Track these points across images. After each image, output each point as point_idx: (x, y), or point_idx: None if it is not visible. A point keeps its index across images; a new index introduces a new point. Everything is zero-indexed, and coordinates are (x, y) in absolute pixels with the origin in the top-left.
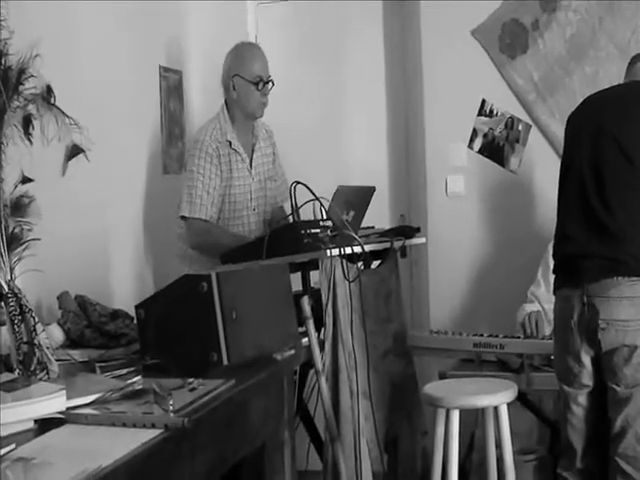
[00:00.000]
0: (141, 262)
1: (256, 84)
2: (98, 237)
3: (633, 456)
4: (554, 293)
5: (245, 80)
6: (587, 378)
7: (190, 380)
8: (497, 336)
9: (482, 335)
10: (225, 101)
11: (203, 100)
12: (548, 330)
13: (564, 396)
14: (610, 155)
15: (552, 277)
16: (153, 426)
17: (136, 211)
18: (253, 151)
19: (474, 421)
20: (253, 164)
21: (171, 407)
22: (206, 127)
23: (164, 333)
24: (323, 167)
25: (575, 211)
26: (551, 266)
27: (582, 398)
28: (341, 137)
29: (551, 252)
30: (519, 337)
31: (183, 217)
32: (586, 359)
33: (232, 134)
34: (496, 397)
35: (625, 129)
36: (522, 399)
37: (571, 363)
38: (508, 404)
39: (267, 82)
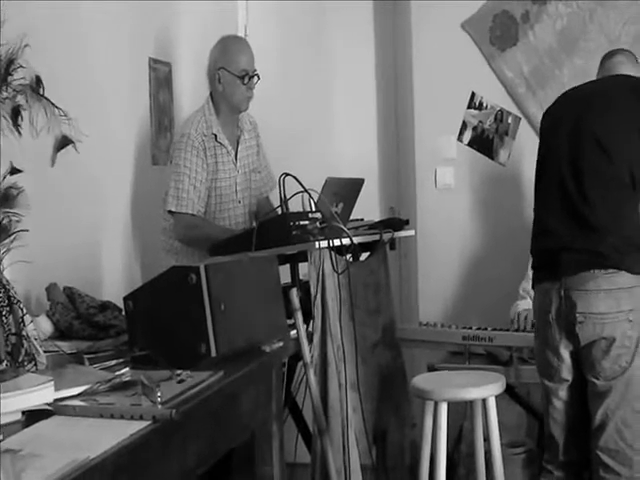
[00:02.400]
0: (130, 253)
1: (242, 78)
2: (87, 228)
3: (615, 449)
4: (533, 288)
5: (231, 73)
6: (567, 372)
7: (178, 372)
8: (486, 329)
9: (471, 328)
10: (210, 93)
11: (192, 92)
12: None
13: (545, 390)
14: (588, 150)
15: None
16: (141, 418)
17: (125, 202)
18: (238, 144)
19: (463, 413)
20: (238, 156)
21: (159, 399)
22: (191, 120)
23: (153, 325)
24: (313, 159)
25: (554, 206)
26: None
27: (562, 392)
28: (331, 129)
29: None
30: (508, 330)
31: (171, 212)
32: (565, 353)
33: (217, 127)
34: (484, 390)
35: (603, 124)
36: (511, 392)
37: (550, 357)
38: (497, 397)
39: (253, 76)
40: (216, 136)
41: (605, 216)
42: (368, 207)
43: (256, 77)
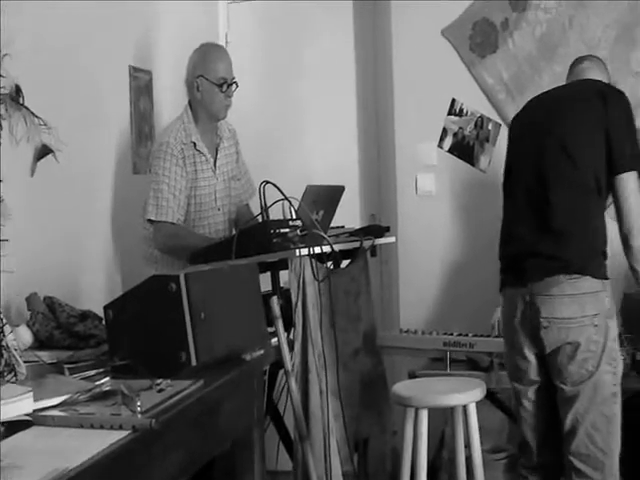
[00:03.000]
0: (111, 262)
1: (220, 86)
2: (68, 237)
3: (586, 454)
4: (500, 292)
5: (209, 81)
6: (534, 374)
7: (159, 381)
8: (467, 335)
9: (452, 334)
10: (189, 102)
11: (173, 100)
12: None
13: (515, 393)
14: (553, 155)
15: None
16: (121, 427)
17: (106, 211)
18: (217, 151)
19: (444, 419)
20: (217, 164)
21: (139, 408)
22: (170, 128)
23: (133, 334)
24: (293, 167)
25: (520, 211)
26: None
27: (532, 394)
28: (311, 136)
29: None
30: (489, 336)
31: (151, 220)
32: (531, 356)
33: (196, 135)
34: (465, 396)
35: (568, 130)
36: (492, 398)
37: (519, 361)
38: (478, 403)
39: (231, 84)
40: (195, 144)
41: (569, 222)
42: (349, 214)
43: (235, 85)
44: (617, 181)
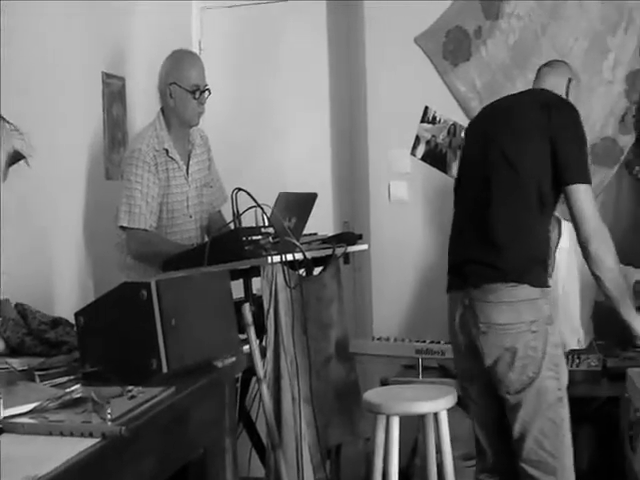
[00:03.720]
0: (83, 269)
1: (193, 93)
2: (40, 244)
3: (537, 460)
4: (447, 294)
5: (182, 88)
6: (478, 372)
7: (129, 388)
8: (439, 342)
9: (424, 341)
10: (161, 108)
11: (146, 106)
12: None
13: (465, 393)
14: (497, 164)
15: None
16: (90, 435)
17: (78, 217)
18: (189, 158)
19: (417, 426)
20: (190, 171)
21: (109, 415)
22: (142, 135)
23: (104, 341)
24: (266, 174)
25: (465, 219)
26: None
27: (475, 394)
28: (284, 143)
29: None
30: None
31: (123, 227)
32: (472, 357)
33: (169, 142)
34: (436, 403)
35: (512, 140)
36: (463, 405)
37: (462, 362)
38: (449, 410)
39: (204, 91)
40: (167, 151)
41: (506, 231)
42: (322, 221)
43: (207, 92)
44: (568, 192)
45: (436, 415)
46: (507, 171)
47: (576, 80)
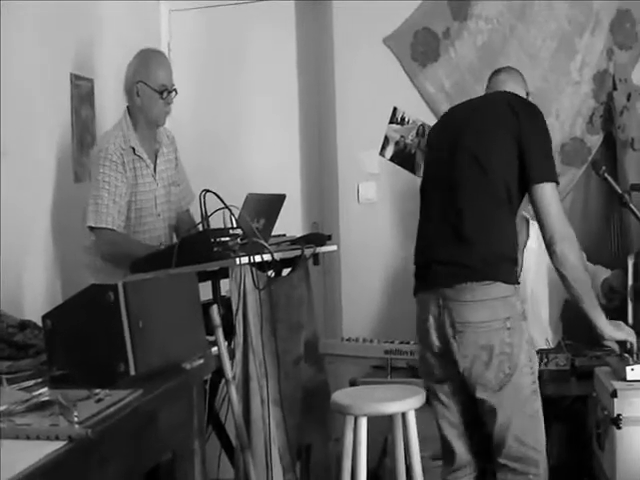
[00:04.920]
0: (51, 271)
1: (160, 93)
2: (7, 246)
3: (517, 456)
4: (414, 296)
5: (149, 88)
6: (451, 368)
7: (97, 391)
8: (408, 343)
9: (393, 342)
10: (128, 107)
11: (115, 108)
12: None
13: (433, 394)
14: (465, 165)
15: None
16: (57, 438)
17: (46, 220)
18: (157, 157)
19: (387, 427)
20: (157, 170)
21: (76, 418)
22: (109, 134)
23: (72, 343)
24: (235, 175)
25: (433, 218)
26: None
27: (449, 388)
28: (253, 144)
29: None
30: None
31: (91, 227)
32: (446, 354)
33: (135, 141)
34: (404, 403)
35: (479, 140)
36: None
37: (431, 359)
38: (419, 410)
39: (171, 91)
40: (134, 149)
41: (475, 230)
42: (291, 223)
43: (174, 92)
44: (534, 190)
45: (404, 415)
46: (475, 171)
47: (531, 96)
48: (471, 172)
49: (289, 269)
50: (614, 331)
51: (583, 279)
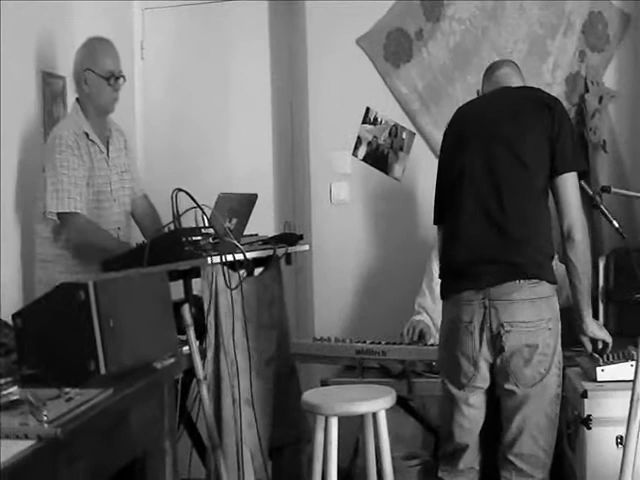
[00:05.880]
0: (21, 270)
1: (107, 79)
2: None
3: (529, 454)
4: (445, 298)
5: (97, 75)
6: (481, 381)
7: (67, 390)
8: (379, 343)
9: (364, 342)
10: (77, 98)
11: None
12: (438, 338)
13: (452, 399)
14: (505, 162)
15: (437, 286)
16: (26, 437)
17: (16, 222)
18: (109, 144)
19: (359, 427)
20: (110, 156)
21: (45, 418)
22: (61, 124)
23: (42, 342)
24: (207, 174)
25: (472, 217)
26: (435, 275)
27: (473, 399)
28: (226, 144)
29: (435, 261)
30: (401, 344)
31: (58, 215)
32: (483, 363)
33: (88, 127)
34: (374, 403)
35: (519, 137)
36: (404, 405)
37: (466, 367)
38: (392, 410)
39: (119, 77)
40: (88, 135)
41: (523, 227)
42: (263, 222)
43: (122, 79)
44: (560, 180)
45: (375, 415)
46: (516, 167)
47: None
48: (511, 168)
49: (261, 269)
50: (597, 329)
51: (589, 273)
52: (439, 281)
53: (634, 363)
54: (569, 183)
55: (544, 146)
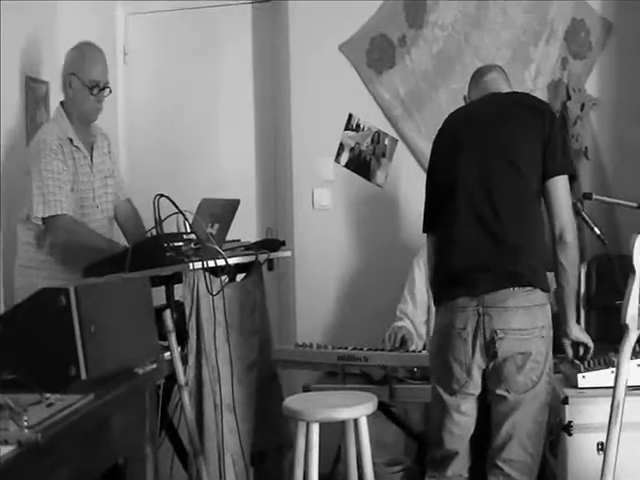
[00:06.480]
0: (4, 275)
1: (91, 88)
2: None
3: (517, 460)
4: (438, 304)
5: (81, 82)
6: (473, 388)
7: (48, 395)
8: (361, 349)
9: (346, 348)
10: (61, 102)
11: None
12: (420, 344)
13: (443, 406)
14: (499, 167)
15: (418, 293)
16: (6, 442)
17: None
18: (92, 149)
19: (341, 433)
20: (94, 162)
21: (26, 423)
22: (45, 128)
23: (23, 347)
24: (189, 179)
25: (466, 224)
26: (416, 281)
27: (465, 406)
28: (209, 150)
29: (417, 268)
30: (382, 350)
31: (43, 219)
32: (476, 370)
33: (72, 132)
34: (355, 410)
35: (513, 144)
36: (386, 411)
37: (459, 373)
38: (373, 416)
39: (104, 88)
40: (72, 140)
41: (517, 233)
42: (245, 228)
43: (107, 90)
44: (551, 183)
45: (356, 421)
46: (510, 173)
47: None
48: (506, 174)
49: (243, 274)
50: (580, 333)
51: (577, 275)
52: (420, 287)
53: (615, 370)
54: (560, 185)
55: (537, 150)
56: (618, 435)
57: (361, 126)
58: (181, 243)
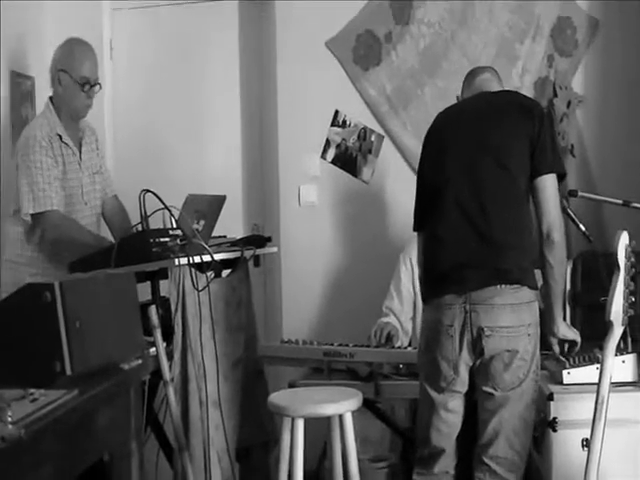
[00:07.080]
0: None
1: (82, 85)
2: None
3: (504, 457)
4: (426, 301)
5: (71, 78)
6: (460, 385)
7: (32, 391)
8: (347, 345)
9: (332, 344)
10: (50, 97)
11: None
12: (406, 341)
13: (431, 403)
14: (487, 166)
15: (404, 289)
16: None
17: None
18: (81, 146)
19: (327, 429)
20: (83, 158)
21: (10, 418)
22: (34, 123)
23: (8, 343)
24: (175, 175)
25: (454, 222)
26: (403, 278)
27: (452, 404)
28: (195, 145)
29: (403, 264)
30: (368, 346)
31: (31, 215)
32: (463, 368)
33: (61, 128)
34: (340, 405)
35: (501, 142)
36: (372, 407)
37: (446, 371)
38: (359, 413)
39: (93, 85)
40: (61, 136)
41: (506, 232)
42: (232, 224)
43: (98, 86)
44: (539, 182)
45: (341, 417)
46: (499, 172)
47: None
48: (494, 173)
49: (229, 270)
50: (567, 330)
51: (564, 274)
52: (407, 284)
53: (599, 366)
54: (549, 184)
55: (525, 148)
56: (603, 431)
57: (347, 122)
58: (167, 239)
